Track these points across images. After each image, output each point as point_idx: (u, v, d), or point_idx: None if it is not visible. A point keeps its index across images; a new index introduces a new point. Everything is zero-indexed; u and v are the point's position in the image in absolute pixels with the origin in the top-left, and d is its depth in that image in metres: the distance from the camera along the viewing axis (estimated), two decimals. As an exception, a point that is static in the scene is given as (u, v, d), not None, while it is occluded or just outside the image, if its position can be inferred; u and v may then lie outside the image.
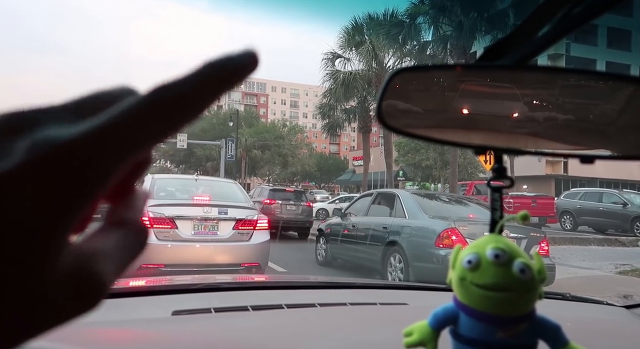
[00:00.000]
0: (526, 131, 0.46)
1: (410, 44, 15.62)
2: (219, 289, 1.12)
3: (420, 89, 0.44)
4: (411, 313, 0.91)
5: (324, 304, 1.00)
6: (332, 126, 20.90)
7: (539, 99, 0.46)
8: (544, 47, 0.45)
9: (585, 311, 1.11)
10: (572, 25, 0.43)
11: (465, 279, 0.44)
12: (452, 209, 6.48)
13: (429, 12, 14.33)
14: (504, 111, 0.46)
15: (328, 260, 7.86)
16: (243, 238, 5.41)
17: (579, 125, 0.46)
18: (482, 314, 0.43)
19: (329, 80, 19.19)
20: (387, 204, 6.84)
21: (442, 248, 5.25)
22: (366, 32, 17.83)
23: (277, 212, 11.82)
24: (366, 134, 20.70)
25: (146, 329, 0.72)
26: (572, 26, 0.43)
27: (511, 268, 0.43)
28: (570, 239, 12.22)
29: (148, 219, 5.01)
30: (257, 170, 39.82)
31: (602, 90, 0.47)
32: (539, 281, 0.44)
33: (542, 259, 0.46)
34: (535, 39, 0.45)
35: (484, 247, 0.45)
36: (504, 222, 0.46)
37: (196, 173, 8.34)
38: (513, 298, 0.43)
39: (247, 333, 0.79)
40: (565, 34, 0.44)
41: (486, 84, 0.45)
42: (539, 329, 0.45)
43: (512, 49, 0.45)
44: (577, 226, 15.77)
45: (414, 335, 0.48)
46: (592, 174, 27.49)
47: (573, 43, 30.28)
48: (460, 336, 0.45)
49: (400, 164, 27.12)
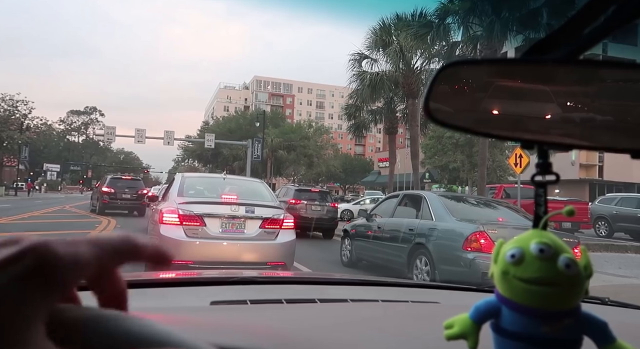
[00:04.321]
0: (573, 128, 0.45)
1: (439, 45, 15.39)
2: (254, 282, 1.15)
3: (469, 83, 0.44)
4: (443, 310, 0.91)
5: (356, 300, 1.01)
6: (358, 127, 20.84)
7: (587, 95, 0.45)
8: (594, 42, 0.44)
9: (625, 316, 1.08)
10: (622, 21, 0.43)
11: (509, 273, 0.45)
12: (480, 212, 6.36)
13: (459, 12, 14.09)
14: (550, 107, 0.46)
15: (353, 261, 7.85)
16: (269, 237, 5.46)
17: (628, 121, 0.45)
18: (527, 308, 0.43)
19: (356, 81, 19.13)
20: (413, 205, 6.77)
21: (470, 252, 5.16)
22: (394, 33, 17.68)
23: (302, 212, 11.89)
24: (392, 135, 20.55)
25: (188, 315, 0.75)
26: (622, 22, 0.43)
27: (556, 263, 0.43)
28: (606, 246, 11.77)
29: (178, 217, 5.14)
30: (282, 170, 40.12)
31: None
32: (586, 277, 0.43)
33: (589, 254, 0.45)
34: (584, 34, 0.44)
35: (528, 241, 0.45)
36: (548, 217, 0.46)
37: (224, 172, 8.48)
38: (558, 292, 0.43)
39: (281, 324, 0.81)
40: (615, 29, 0.44)
41: (533, 79, 0.45)
42: (584, 325, 0.44)
43: (561, 44, 0.45)
44: (613, 232, 15.18)
45: (454, 327, 0.48)
46: (629, 179, 26.37)
47: (610, 42, 29.10)
48: (502, 330, 0.45)
49: (427, 166, 26.75)
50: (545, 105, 0.44)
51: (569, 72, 0.44)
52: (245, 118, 43.91)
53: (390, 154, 20.53)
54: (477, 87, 0.44)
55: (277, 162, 37.62)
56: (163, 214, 5.19)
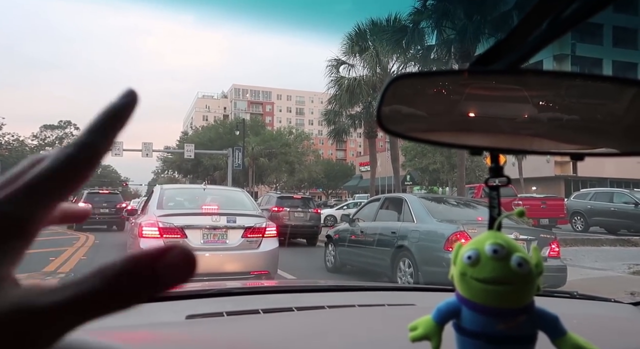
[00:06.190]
0: (521, 132, 0.48)
1: (414, 49, 15.63)
2: (231, 294, 1.15)
3: (418, 94, 0.46)
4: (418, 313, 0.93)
5: (333, 307, 1.02)
6: (338, 132, 20.94)
7: (533, 100, 0.48)
8: (536, 50, 0.47)
9: (592, 309, 1.12)
10: (562, 28, 0.45)
11: (466, 274, 0.46)
12: (460, 212, 6.46)
13: (432, 16, 14.36)
14: (499, 113, 0.48)
15: (337, 266, 7.85)
16: (252, 246, 5.43)
17: (573, 124, 0.48)
18: (483, 307, 0.45)
19: (334, 86, 19.26)
20: (395, 208, 6.83)
21: (452, 252, 5.22)
22: (369, 38, 17.90)
23: (285, 220, 11.84)
24: (372, 139, 20.70)
25: (161, 331, 0.75)
26: (562, 29, 0.45)
27: (509, 262, 0.45)
28: (582, 240, 12.08)
29: (158, 230, 5.06)
30: (264, 178, 39.93)
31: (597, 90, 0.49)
32: (537, 274, 0.46)
33: (540, 253, 0.48)
34: (527, 43, 0.47)
35: (483, 243, 0.47)
36: (501, 218, 0.48)
37: (204, 182, 8.38)
38: (512, 290, 0.45)
39: (259, 335, 0.81)
40: (557, 37, 0.46)
41: (481, 88, 0.47)
42: (538, 320, 0.46)
43: (507, 52, 0.47)
44: (589, 227, 15.59)
45: (418, 329, 0.50)
46: (602, 174, 27.19)
47: (579, 43, 30.11)
48: (462, 329, 0.47)
49: (408, 168, 27.05)
50: (491, 113, 0.47)
51: (511, 81, 0.46)
52: (224, 127, 43.58)
53: (371, 158, 20.67)
54: (426, 98, 0.46)
55: (258, 170, 37.44)
56: (142, 227, 5.11)
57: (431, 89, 0.46)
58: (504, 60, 0.47)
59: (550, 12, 0.45)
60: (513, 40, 0.47)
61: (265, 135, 40.60)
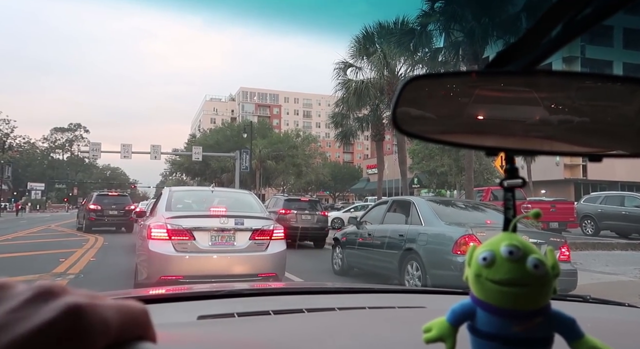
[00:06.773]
0: (537, 133, 0.48)
1: (422, 51, 15.61)
2: (241, 295, 1.15)
3: (433, 95, 0.46)
4: (429, 315, 0.92)
5: (344, 308, 1.02)
6: (345, 135, 20.94)
7: (549, 102, 0.48)
8: (551, 52, 0.47)
9: (606, 313, 1.10)
10: (577, 30, 0.45)
11: (481, 275, 0.46)
12: (468, 215, 6.42)
13: (440, 19, 14.33)
14: (514, 114, 0.48)
15: (344, 269, 7.83)
16: (260, 248, 5.44)
17: (590, 126, 0.48)
18: (498, 309, 0.45)
19: (341, 89, 19.29)
20: (402, 211, 6.81)
21: (460, 255, 5.19)
22: (377, 41, 17.91)
23: (293, 222, 11.85)
24: (380, 142, 20.67)
25: (174, 331, 0.75)
26: (577, 31, 0.45)
27: (525, 264, 0.45)
28: (593, 244, 11.94)
29: (166, 231, 5.09)
30: (271, 180, 40.00)
31: (611, 91, 0.49)
32: (553, 276, 0.45)
33: (555, 254, 0.47)
34: (542, 44, 0.47)
35: (498, 244, 0.47)
36: (517, 220, 0.48)
37: (212, 185, 8.41)
38: (528, 292, 0.44)
39: (269, 336, 0.81)
40: (571, 39, 0.46)
41: (497, 89, 0.47)
42: (554, 322, 0.46)
43: (522, 54, 0.47)
44: (599, 230, 15.41)
45: (433, 331, 0.50)
46: (613, 177, 26.88)
47: (589, 45, 29.86)
48: (477, 331, 0.47)
49: (415, 171, 26.94)
50: (507, 114, 0.47)
51: (527, 83, 0.46)
52: (232, 129, 43.77)
53: (379, 161, 20.63)
54: (441, 99, 0.47)
55: (265, 173, 37.52)
56: (151, 229, 5.14)
57: (446, 90, 0.46)
58: (518, 62, 0.47)
59: (565, 14, 0.45)
60: (528, 41, 0.47)
61: (272, 138, 40.71)
